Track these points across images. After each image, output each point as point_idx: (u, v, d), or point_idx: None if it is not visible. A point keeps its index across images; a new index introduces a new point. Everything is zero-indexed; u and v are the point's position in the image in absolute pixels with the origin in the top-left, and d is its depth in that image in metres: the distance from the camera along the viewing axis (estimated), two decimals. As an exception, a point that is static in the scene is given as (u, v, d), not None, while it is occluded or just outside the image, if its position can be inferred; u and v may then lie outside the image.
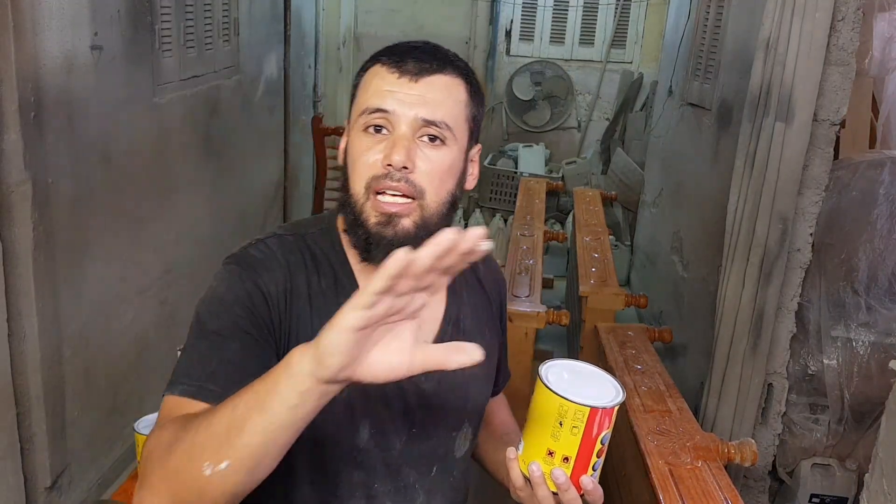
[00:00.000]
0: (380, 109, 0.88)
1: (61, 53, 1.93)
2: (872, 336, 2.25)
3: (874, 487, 1.40)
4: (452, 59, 0.92)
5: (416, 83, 0.88)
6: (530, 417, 0.85)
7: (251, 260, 0.91)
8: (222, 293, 0.88)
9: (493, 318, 1.09)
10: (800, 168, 2.14)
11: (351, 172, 0.90)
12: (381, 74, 0.89)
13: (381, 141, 0.88)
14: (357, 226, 0.89)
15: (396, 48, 0.91)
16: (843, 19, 2.06)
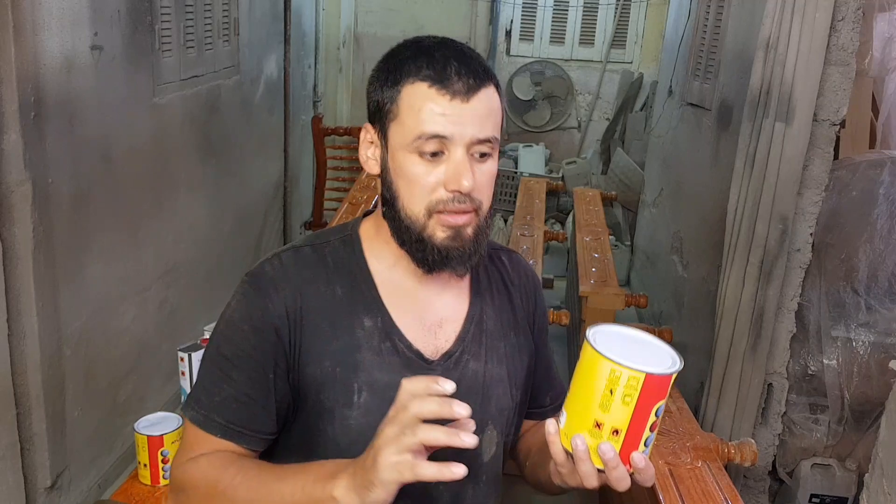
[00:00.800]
0: (438, 136, 0.88)
1: (61, 53, 1.93)
2: (872, 336, 2.25)
3: (874, 487, 1.40)
4: (485, 67, 0.92)
5: (467, 103, 0.88)
6: (575, 385, 0.79)
7: (263, 279, 0.93)
8: (235, 316, 0.92)
9: (521, 323, 1.08)
10: (800, 168, 2.14)
11: (406, 193, 0.91)
12: (431, 97, 0.88)
13: (437, 164, 0.89)
14: (420, 243, 0.91)
15: (433, 60, 0.89)
16: (843, 19, 2.06)
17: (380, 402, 0.90)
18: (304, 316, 0.92)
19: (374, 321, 0.94)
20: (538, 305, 1.12)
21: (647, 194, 4.14)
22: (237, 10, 3.17)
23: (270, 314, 0.91)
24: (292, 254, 0.96)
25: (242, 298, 0.93)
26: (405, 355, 0.94)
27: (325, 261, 0.96)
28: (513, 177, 5.00)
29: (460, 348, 0.97)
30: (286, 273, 0.94)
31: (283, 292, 0.92)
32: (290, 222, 4.25)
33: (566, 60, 5.36)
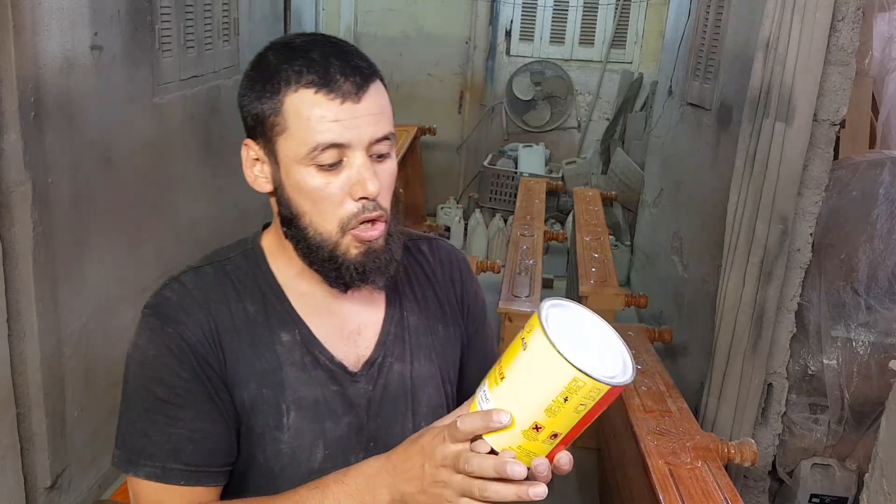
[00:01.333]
0: (335, 145, 0.82)
1: (61, 53, 1.93)
2: (872, 336, 2.25)
3: (874, 487, 1.40)
4: (368, 60, 0.86)
5: (359, 103, 0.82)
6: (518, 381, 0.69)
7: (168, 307, 0.86)
8: (150, 353, 0.85)
9: (450, 314, 1.02)
10: (800, 168, 2.14)
11: (312, 211, 0.85)
12: (319, 103, 0.81)
13: (337, 174, 0.83)
14: (332, 261, 0.86)
15: (312, 62, 0.82)
16: (843, 19, 2.06)
17: (309, 422, 0.88)
18: (222, 338, 0.86)
19: (292, 335, 0.89)
20: (467, 291, 1.04)
21: (647, 194, 4.14)
22: (237, 10, 3.17)
23: (189, 341, 0.84)
24: (192, 275, 0.89)
25: (151, 333, 0.85)
26: (328, 367, 0.90)
27: (230, 278, 0.90)
28: (513, 177, 5.00)
29: (381, 353, 0.93)
30: (191, 296, 0.87)
31: (194, 316, 0.86)
32: (290, 222, 4.25)
33: (566, 60, 5.36)
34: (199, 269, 0.90)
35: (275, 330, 0.88)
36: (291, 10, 3.98)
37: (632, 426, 1.88)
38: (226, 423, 0.86)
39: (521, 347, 0.69)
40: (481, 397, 0.73)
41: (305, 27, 4.56)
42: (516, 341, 0.71)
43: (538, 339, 0.67)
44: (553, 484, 0.84)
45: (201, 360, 0.84)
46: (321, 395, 0.88)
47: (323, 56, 0.83)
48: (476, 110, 5.44)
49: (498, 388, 0.71)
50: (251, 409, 0.86)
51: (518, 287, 2.61)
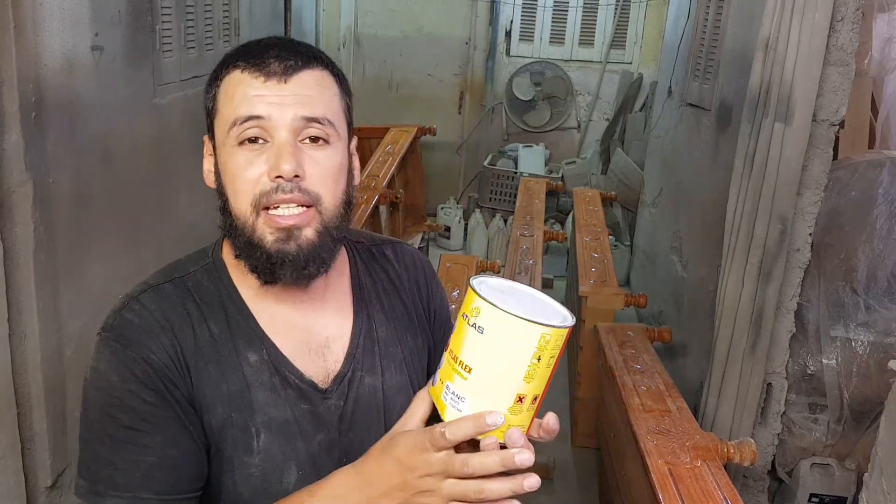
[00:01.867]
0: (252, 117, 0.79)
1: (62, 54, 1.94)
2: (871, 336, 2.26)
3: (873, 487, 1.40)
4: (315, 52, 0.84)
5: (286, 83, 0.80)
6: (487, 363, 0.68)
7: (130, 330, 0.81)
8: (113, 379, 0.80)
9: (417, 320, 0.98)
10: (799, 168, 2.14)
11: (231, 193, 0.81)
12: (244, 81, 0.80)
13: (259, 153, 0.80)
14: (252, 247, 0.81)
15: (251, 49, 0.82)
16: (842, 20, 2.06)
17: (280, 444, 0.84)
18: (187, 361, 0.82)
19: (259, 354, 0.85)
20: (433, 296, 1.01)
21: (647, 194, 4.15)
22: (238, 10, 3.17)
23: (154, 365, 0.80)
24: (152, 295, 0.85)
25: (113, 358, 0.80)
26: (297, 386, 0.86)
27: (192, 297, 0.85)
28: (513, 177, 5.00)
29: (351, 367, 0.89)
30: (153, 318, 0.82)
31: (158, 339, 0.81)
32: (290, 222, 4.25)
33: (566, 61, 5.36)
34: (158, 288, 0.86)
35: (241, 350, 0.84)
36: (292, 10, 3.98)
37: (631, 426, 1.88)
38: (196, 447, 0.82)
39: (474, 332, 0.68)
40: (451, 398, 0.70)
41: (305, 27, 4.56)
42: (464, 329, 0.69)
43: (493, 315, 0.67)
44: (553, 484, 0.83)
45: (168, 383, 0.80)
46: (291, 416, 0.85)
47: (264, 45, 0.82)
48: (476, 110, 5.45)
49: (466, 381, 0.69)
50: (219, 434, 0.83)
51: (518, 287, 2.61)
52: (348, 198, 0.86)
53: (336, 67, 0.86)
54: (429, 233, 4.65)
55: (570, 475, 2.77)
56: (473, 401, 0.69)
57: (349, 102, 0.88)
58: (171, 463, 0.80)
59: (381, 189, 3.62)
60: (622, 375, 2.13)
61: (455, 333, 0.71)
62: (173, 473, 0.80)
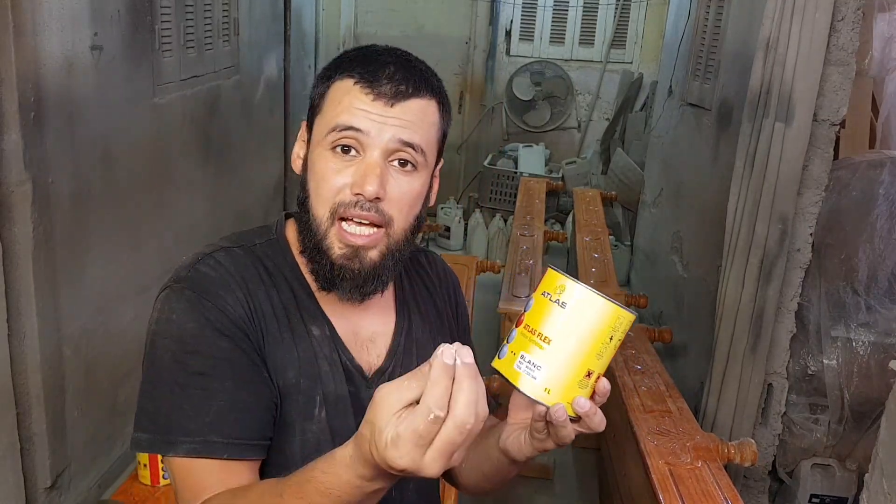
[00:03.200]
0: (352, 128, 0.82)
1: (61, 54, 1.93)
2: (872, 336, 2.26)
3: (874, 487, 1.40)
4: (427, 79, 0.87)
5: (392, 108, 0.83)
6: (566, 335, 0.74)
7: (206, 281, 0.83)
8: (188, 326, 0.80)
9: (447, 324, 1.03)
10: (799, 168, 2.14)
11: (314, 192, 0.85)
12: (354, 93, 0.83)
13: (349, 163, 0.83)
14: (318, 253, 0.85)
15: (368, 63, 0.84)
16: (842, 19, 2.06)
17: (334, 417, 0.87)
18: (261, 320, 0.84)
19: (322, 330, 0.88)
20: (459, 304, 1.07)
21: (647, 194, 4.14)
22: (237, 10, 3.17)
23: (231, 316, 0.81)
24: (225, 254, 0.87)
25: (188, 305, 0.81)
26: (349, 369, 0.89)
27: (262, 263, 0.88)
28: (513, 177, 5.00)
29: (392, 363, 0.93)
30: (229, 273, 0.84)
31: (234, 294, 0.83)
32: (290, 222, 4.25)
33: (566, 60, 5.36)
34: (230, 249, 0.88)
35: (307, 322, 0.87)
36: (291, 10, 3.98)
37: (632, 426, 1.88)
38: (268, 392, 0.83)
39: (557, 308, 0.74)
40: (526, 367, 0.74)
41: (305, 27, 4.56)
42: (545, 305, 0.75)
43: (577, 292, 0.74)
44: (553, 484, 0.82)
45: (243, 334, 0.82)
46: (343, 394, 0.88)
47: (383, 61, 0.84)
48: (476, 110, 5.44)
49: (544, 351, 0.74)
50: (285, 397, 0.84)
51: (518, 287, 2.61)
52: (419, 222, 0.89)
53: (444, 96, 0.90)
54: (429, 233, 4.64)
55: (570, 475, 2.77)
56: (549, 369, 0.74)
57: (447, 128, 0.93)
58: (243, 406, 0.80)
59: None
60: (622, 376, 2.12)
61: (532, 310, 0.76)
62: (244, 417, 0.80)
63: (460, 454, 0.63)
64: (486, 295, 3.27)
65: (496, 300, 2.62)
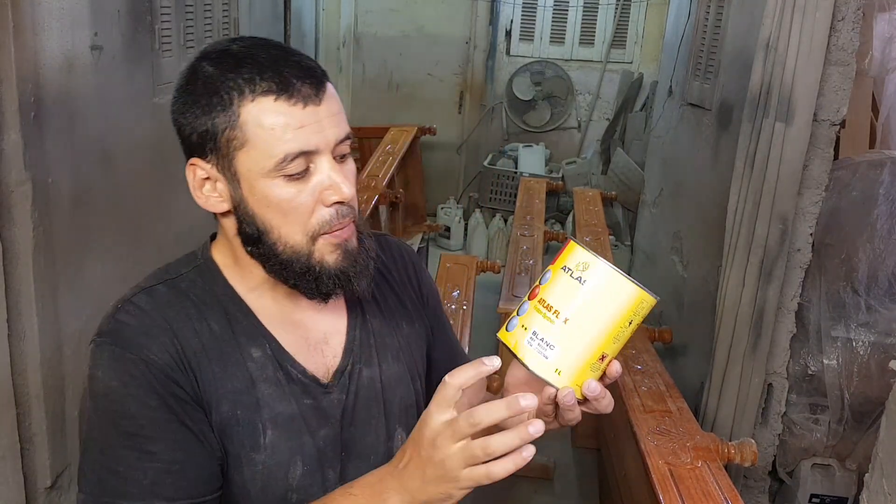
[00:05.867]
0: (304, 153, 0.78)
1: (61, 53, 1.93)
2: (872, 336, 2.25)
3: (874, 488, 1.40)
4: (314, 60, 0.83)
5: (321, 105, 0.79)
6: (584, 313, 0.70)
7: (127, 331, 0.79)
8: (113, 385, 0.77)
9: (411, 308, 1.00)
10: (800, 168, 2.14)
11: (279, 225, 0.80)
12: (282, 111, 0.77)
13: (306, 181, 0.79)
14: (310, 272, 0.82)
15: (263, 67, 0.78)
16: (843, 19, 2.06)
17: (287, 438, 0.84)
18: (190, 360, 0.80)
19: (263, 350, 0.85)
20: (423, 282, 1.03)
21: (647, 194, 4.14)
22: (237, 10, 3.17)
23: (156, 366, 0.78)
24: (146, 296, 0.83)
25: (112, 362, 0.78)
26: (301, 381, 0.86)
27: (187, 296, 0.84)
28: (513, 177, 5.00)
29: (350, 360, 0.90)
30: (150, 318, 0.80)
31: (158, 339, 0.79)
32: (290, 222, 4.25)
33: (566, 60, 5.36)
34: (151, 290, 0.84)
35: (244, 347, 0.84)
36: (291, 10, 3.98)
37: (632, 426, 1.88)
38: (204, 449, 0.80)
39: (576, 284, 0.70)
40: (538, 345, 0.71)
41: (305, 27, 4.56)
42: (562, 280, 0.71)
43: (600, 270, 0.70)
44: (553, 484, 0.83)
45: (171, 384, 0.78)
46: (297, 410, 0.85)
47: (271, 60, 0.78)
48: (476, 110, 5.44)
49: (559, 330, 0.70)
50: (224, 431, 0.82)
51: (518, 287, 2.61)
52: None
53: None
54: (429, 233, 4.64)
55: (570, 476, 2.77)
56: (563, 349, 0.70)
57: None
58: (179, 468, 0.78)
59: (381, 189, 3.62)
60: (622, 376, 2.12)
61: (549, 284, 0.72)
62: (183, 478, 0.78)
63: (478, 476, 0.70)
64: (486, 295, 3.27)
65: (496, 300, 2.62)
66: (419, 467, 0.72)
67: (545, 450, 2.79)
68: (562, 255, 0.73)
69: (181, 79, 0.82)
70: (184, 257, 0.90)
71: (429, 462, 0.71)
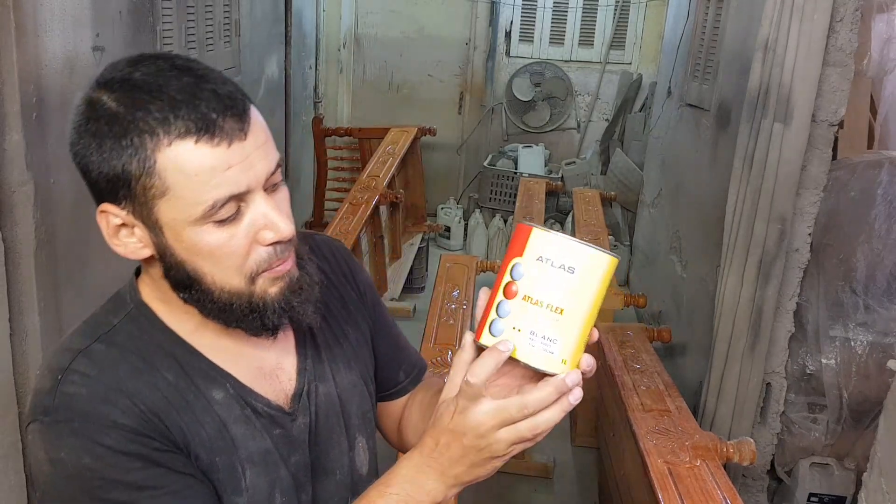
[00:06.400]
0: (234, 197, 0.71)
1: (63, 54, 1.94)
2: (870, 336, 2.26)
3: (872, 486, 1.41)
4: (232, 82, 0.74)
5: (245, 139, 0.71)
6: (577, 301, 0.70)
7: (80, 402, 0.71)
8: (86, 461, 0.70)
9: (353, 309, 0.95)
10: (798, 168, 2.15)
11: (212, 271, 0.74)
12: (203, 154, 0.69)
13: (237, 222, 0.73)
14: (253, 311, 0.76)
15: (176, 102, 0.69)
16: (841, 20, 2.06)
17: (265, 475, 0.81)
18: (158, 414, 0.74)
19: (224, 390, 0.80)
20: (358, 277, 0.98)
21: (646, 194, 4.15)
22: (238, 11, 3.18)
23: (128, 428, 0.71)
24: (86, 360, 0.74)
25: (75, 439, 0.70)
26: (268, 413, 0.82)
27: (129, 350, 0.76)
28: (512, 177, 5.00)
29: (305, 380, 0.86)
30: (100, 383, 0.73)
31: (118, 403, 0.72)
32: (291, 223, 4.26)
33: (566, 61, 5.36)
34: (88, 351, 0.75)
35: (204, 390, 0.78)
36: (292, 11, 3.99)
37: (631, 425, 1.89)
38: (207, 487, 0.77)
39: (562, 273, 0.70)
40: (542, 343, 0.70)
41: (306, 28, 4.56)
42: (546, 273, 0.70)
43: (584, 254, 0.69)
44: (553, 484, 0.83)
45: (149, 442, 0.72)
46: (270, 444, 0.82)
47: (183, 91, 0.69)
48: (476, 111, 5.45)
49: (558, 322, 0.70)
50: (207, 480, 0.78)
51: (518, 287, 2.61)
52: None
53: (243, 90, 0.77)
54: (429, 233, 4.65)
55: (569, 475, 2.77)
56: (565, 340, 0.70)
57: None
58: None
59: (381, 189, 3.63)
60: (622, 375, 2.13)
61: (527, 279, 0.70)
62: None
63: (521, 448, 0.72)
64: (485, 295, 3.27)
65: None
66: (464, 455, 0.73)
67: (545, 449, 2.79)
68: (528, 244, 0.70)
69: (78, 114, 0.74)
70: (110, 304, 0.82)
71: (473, 448, 0.72)
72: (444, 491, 0.75)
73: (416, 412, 0.99)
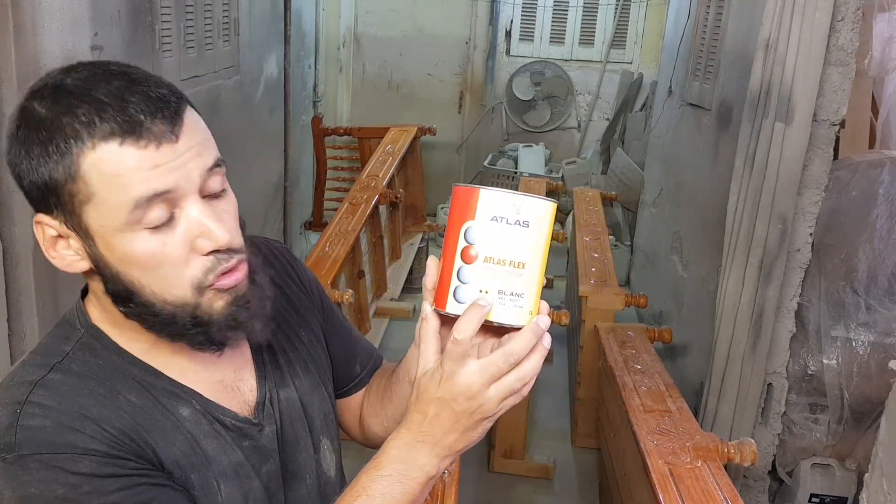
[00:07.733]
0: (159, 194, 0.67)
1: (62, 54, 1.94)
2: (872, 336, 2.26)
3: (874, 487, 1.40)
4: (169, 85, 0.71)
5: (177, 141, 0.68)
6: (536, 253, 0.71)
7: (45, 433, 0.68)
8: (62, 491, 0.67)
9: (302, 310, 0.94)
10: (799, 168, 2.14)
11: (153, 281, 0.71)
12: (129, 156, 0.66)
13: (172, 229, 0.69)
14: (198, 325, 0.73)
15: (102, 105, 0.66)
16: (842, 19, 2.06)
17: (238, 488, 0.80)
18: (129, 435, 0.72)
19: (190, 407, 0.78)
20: (302, 276, 0.96)
21: (647, 194, 4.15)
22: (237, 10, 3.17)
23: (100, 453, 0.69)
24: (44, 391, 0.70)
25: (45, 472, 0.67)
26: (235, 426, 0.81)
27: (87, 377, 0.73)
28: (512, 177, 5.00)
29: (265, 389, 0.85)
30: (63, 412, 0.69)
31: (86, 430, 0.69)
32: (290, 222, 4.25)
33: (566, 60, 5.36)
34: (45, 381, 0.71)
35: (170, 409, 0.76)
36: (292, 10, 3.98)
37: (632, 426, 1.88)
38: (185, 499, 0.75)
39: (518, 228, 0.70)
40: (511, 300, 0.71)
41: (305, 27, 4.56)
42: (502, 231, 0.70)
43: (534, 206, 0.70)
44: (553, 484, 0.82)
45: (123, 463, 0.70)
46: (242, 457, 0.81)
47: (112, 94, 0.67)
48: (476, 110, 5.45)
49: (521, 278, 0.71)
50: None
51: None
52: None
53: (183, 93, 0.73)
54: (429, 233, 4.65)
55: (570, 475, 2.77)
56: (530, 292, 0.72)
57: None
58: None
59: (381, 189, 3.62)
60: (622, 375, 2.13)
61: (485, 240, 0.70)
62: None
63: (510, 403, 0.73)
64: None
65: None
66: (456, 421, 0.72)
67: (545, 450, 2.79)
68: (478, 206, 0.70)
69: (11, 123, 0.70)
70: (59, 330, 0.79)
71: (465, 413, 0.72)
72: (437, 464, 0.75)
73: (375, 400, 0.99)
